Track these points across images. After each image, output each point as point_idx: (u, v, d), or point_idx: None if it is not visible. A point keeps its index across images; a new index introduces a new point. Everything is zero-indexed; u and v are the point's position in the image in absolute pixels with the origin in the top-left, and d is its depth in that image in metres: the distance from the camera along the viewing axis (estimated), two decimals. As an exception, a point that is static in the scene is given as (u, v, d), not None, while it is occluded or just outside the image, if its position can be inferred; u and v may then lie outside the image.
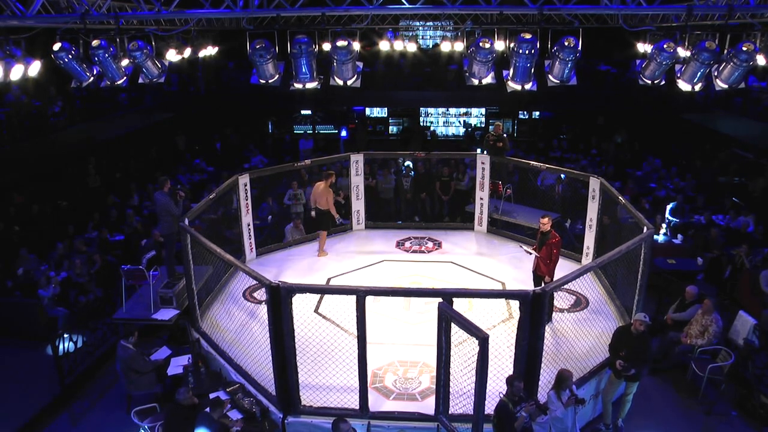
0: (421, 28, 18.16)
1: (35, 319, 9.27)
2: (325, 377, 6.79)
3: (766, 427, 7.22)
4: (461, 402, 6.09)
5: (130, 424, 6.88)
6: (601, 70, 20.97)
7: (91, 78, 8.16)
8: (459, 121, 22.27)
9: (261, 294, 8.42)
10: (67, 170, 15.12)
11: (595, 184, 9.83)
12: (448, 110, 22.18)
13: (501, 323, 8.03)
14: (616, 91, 19.82)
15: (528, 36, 7.50)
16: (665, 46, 7.41)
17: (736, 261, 10.23)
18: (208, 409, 6.34)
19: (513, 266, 10.06)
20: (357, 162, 11.48)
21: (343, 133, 21.33)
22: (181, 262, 8.34)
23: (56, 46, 7.70)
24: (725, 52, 7.35)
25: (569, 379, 6.19)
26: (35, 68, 8.21)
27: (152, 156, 18.17)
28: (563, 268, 8.43)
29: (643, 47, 13.01)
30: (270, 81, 8.44)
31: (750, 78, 7.93)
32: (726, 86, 7.28)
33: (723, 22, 7.75)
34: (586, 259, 9.98)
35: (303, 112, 22.29)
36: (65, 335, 8.45)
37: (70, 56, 7.79)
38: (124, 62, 8.26)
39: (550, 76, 8.04)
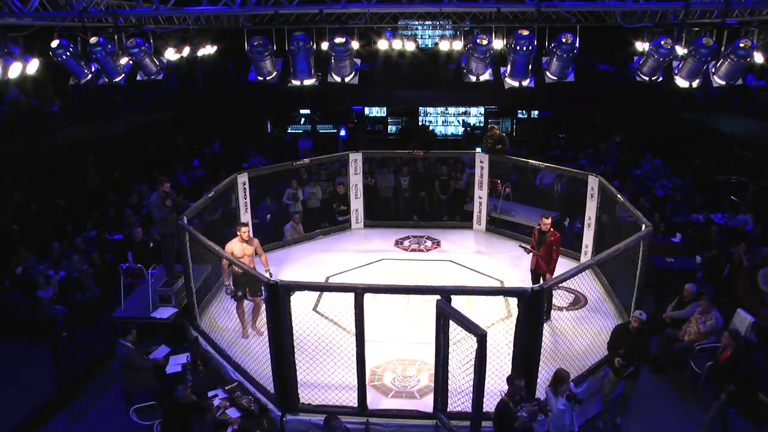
0: (419, 27, 18.14)
1: (34, 317, 9.27)
2: (324, 375, 6.79)
3: (764, 424, 7.21)
4: (459, 400, 6.09)
5: (129, 422, 6.88)
6: (600, 69, 20.97)
7: (89, 75, 8.13)
8: (458, 121, 22.26)
9: (259, 292, 8.40)
10: (65, 169, 15.10)
11: (593, 182, 9.83)
12: (447, 110, 22.18)
13: (500, 321, 8.01)
14: (615, 90, 19.81)
15: (525, 32, 7.50)
16: (662, 42, 7.44)
17: (735, 259, 10.22)
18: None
19: (512, 265, 10.06)
20: (356, 161, 11.47)
21: (342, 133, 21.35)
22: (179, 261, 8.33)
23: (54, 43, 7.67)
24: (723, 48, 7.35)
25: (566, 379, 6.16)
26: (33, 66, 8.14)
27: (151, 155, 18.13)
28: (562, 267, 8.42)
29: (642, 45, 12.99)
30: (268, 78, 8.44)
31: (748, 76, 7.92)
32: (723, 83, 7.29)
33: (720, 20, 7.76)
34: (585, 258, 9.97)
35: (302, 111, 22.30)
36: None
37: (68, 53, 7.74)
38: (123, 60, 8.24)
39: (547, 73, 8.05)
